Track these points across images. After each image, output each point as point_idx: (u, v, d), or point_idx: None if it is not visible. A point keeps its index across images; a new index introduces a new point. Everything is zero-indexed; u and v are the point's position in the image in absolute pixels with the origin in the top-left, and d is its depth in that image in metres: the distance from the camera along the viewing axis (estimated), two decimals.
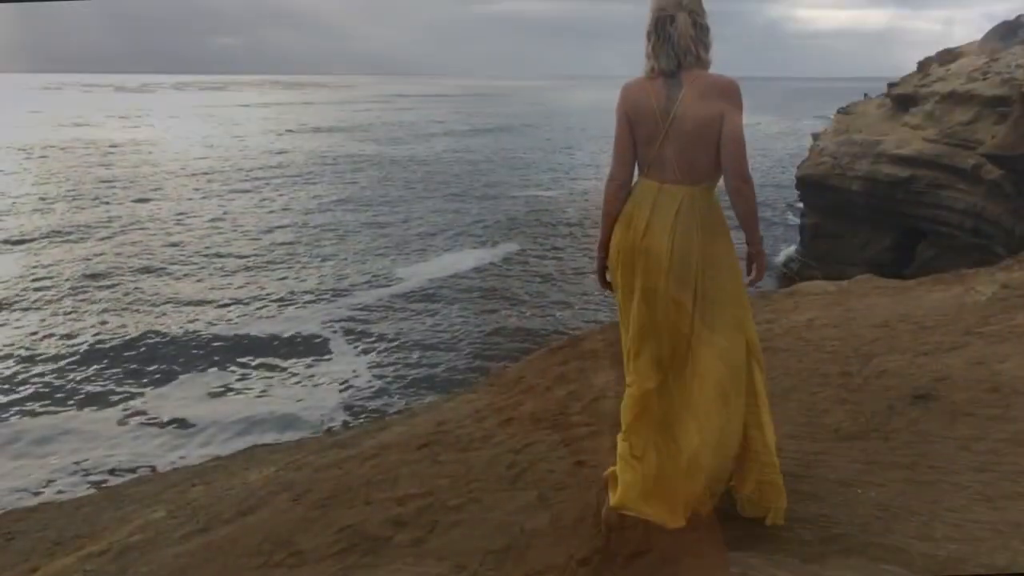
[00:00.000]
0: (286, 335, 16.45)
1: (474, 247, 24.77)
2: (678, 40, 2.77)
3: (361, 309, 18.14)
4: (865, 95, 32.05)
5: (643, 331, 2.84)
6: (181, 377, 14.54)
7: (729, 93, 2.75)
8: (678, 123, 2.77)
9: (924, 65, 26.05)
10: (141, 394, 13.84)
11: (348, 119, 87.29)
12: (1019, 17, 24.12)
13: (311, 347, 15.90)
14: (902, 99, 25.21)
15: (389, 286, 20.09)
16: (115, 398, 13.65)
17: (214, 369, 14.85)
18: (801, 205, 26.99)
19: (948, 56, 25.11)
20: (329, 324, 17.11)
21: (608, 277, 3.01)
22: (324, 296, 19.12)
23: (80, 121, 75.93)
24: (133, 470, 10.66)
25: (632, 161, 2.89)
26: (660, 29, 2.81)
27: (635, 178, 2.95)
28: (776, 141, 60.47)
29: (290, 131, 67.96)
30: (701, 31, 2.82)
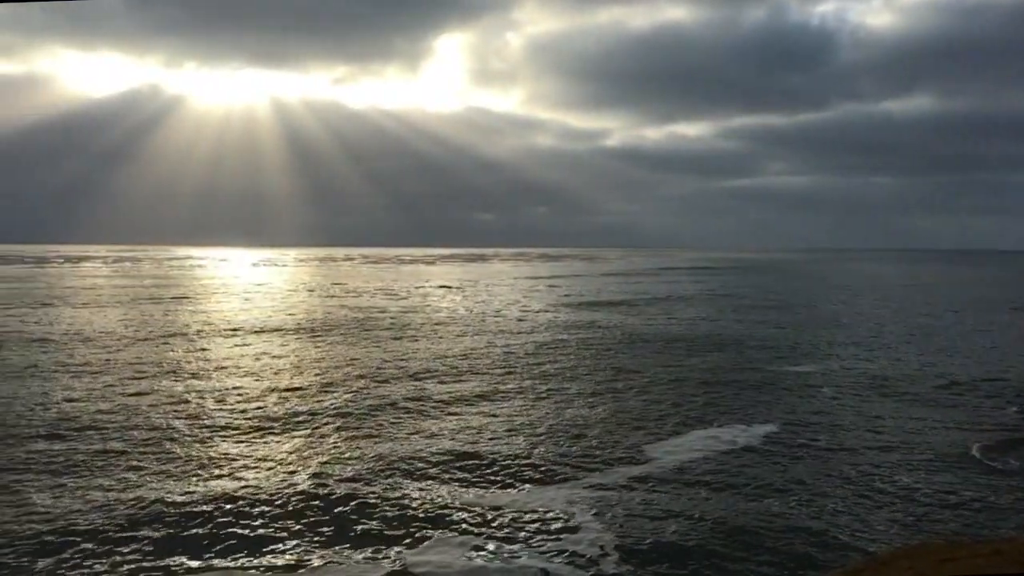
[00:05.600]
0: (531, 510, 16.10)
1: (728, 426, 23.46)
2: None
3: (608, 488, 17.44)
4: None
5: None
6: (436, 536, 14.61)
7: None
8: None
9: None
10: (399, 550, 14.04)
11: (613, 290, 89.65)
12: None
13: (557, 523, 15.39)
14: None
15: (638, 464, 19.30)
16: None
17: (463, 537, 14.73)
18: None
19: None
20: (575, 501, 16.57)
21: None
22: (565, 473, 18.63)
23: (380, 288, 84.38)
24: None
25: None
26: None
27: None
28: None
29: (568, 304, 70.25)
30: None
